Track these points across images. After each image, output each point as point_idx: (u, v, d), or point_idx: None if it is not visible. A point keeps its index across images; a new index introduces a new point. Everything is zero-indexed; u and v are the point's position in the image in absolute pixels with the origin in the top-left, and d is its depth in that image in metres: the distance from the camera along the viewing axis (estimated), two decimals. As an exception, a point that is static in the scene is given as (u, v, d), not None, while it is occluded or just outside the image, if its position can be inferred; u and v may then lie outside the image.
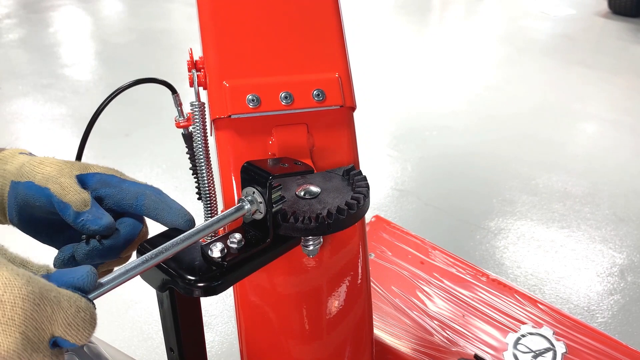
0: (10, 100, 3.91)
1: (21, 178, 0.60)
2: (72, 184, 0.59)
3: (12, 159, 0.63)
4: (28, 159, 0.62)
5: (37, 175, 0.60)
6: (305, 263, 0.72)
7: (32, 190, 0.59)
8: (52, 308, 0.41)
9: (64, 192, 0.58)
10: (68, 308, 0.42)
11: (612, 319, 2.21)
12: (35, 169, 0.60)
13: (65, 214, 0.58)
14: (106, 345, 0.82)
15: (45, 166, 0.60)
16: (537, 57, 5.08)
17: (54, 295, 0.42)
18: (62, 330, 0.42)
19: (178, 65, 4.22)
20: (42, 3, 6.10)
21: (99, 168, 0.63)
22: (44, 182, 0.59)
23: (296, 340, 0.77)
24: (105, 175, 0.62)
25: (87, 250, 0.59)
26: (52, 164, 0.61)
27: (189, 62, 0.73)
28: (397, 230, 1.42)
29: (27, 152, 0.65)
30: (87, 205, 0.58)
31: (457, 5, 7.01)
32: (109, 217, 0.59)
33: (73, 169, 0.61)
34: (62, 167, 0.61)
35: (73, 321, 0.42)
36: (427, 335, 1.13)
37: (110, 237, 0.60)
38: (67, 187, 0.58)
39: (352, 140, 0.76)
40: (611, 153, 3.48)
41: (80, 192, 0.59)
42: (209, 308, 2.17)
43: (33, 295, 0.40)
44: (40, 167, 0.60)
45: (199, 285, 0.54)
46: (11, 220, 0.63)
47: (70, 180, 0.59)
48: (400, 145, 3.45)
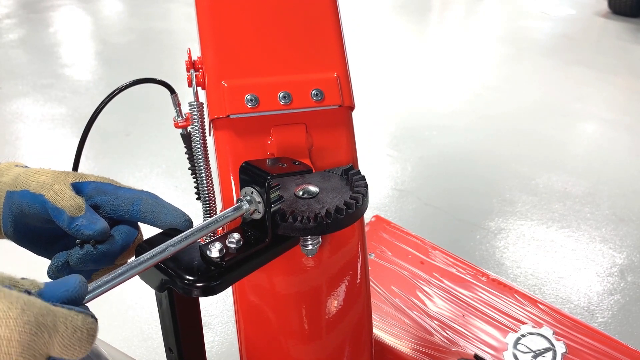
0: (10, 100, 3.91)
1: (16, 187, 0.60)
2: (67, 190, 0.59)
3: (8, 171, 0.63)
4: (24, 170, 0.63)
5: (32, 184, 0.60)
6: (304, 263, 0.72)
7: (26, 199, 0.59)
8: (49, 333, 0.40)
9: (58, 198, 0.58)
10: (65, 331, 0.41)
11: (612, 319, 2.21)
12: (30, 178, 0.60)
13: (59, 219, 0.58)
14: (106, 345, 0.82)
15: (41, 175, 0.61)
16: (537, 57, 5.08)
17: (50, 321, 0.41)
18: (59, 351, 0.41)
19: (178, 65, 4.22)
20: (42, 3, 6.10)
21: (94, 177, 0.64)
22: (39, 189, 0.59)
23: (295, 340, 0.77)
24: (100, 183, 0.63)
25: (81, 254, 0.59)
26: (47, 173, 0.61)
27: (187, 62, 0.73)
28: (397, 230, 1.42)
29: (23, 165, 0.66)
30: (81, 211, 0.58)
31: (457, 5, 7.01)
32: (103, 222, 0.59)
33: (68, 177, 0.61)
34: (57, 175, 0.61)
35: (69, 342, 0.42)
36: (427, 335, 1.13)
37: (105, 243, 0.60)
38: (62, 193, 0.59)
39: (351, 140, 0.76)
40: (611, 153, 3.47)
41: (75, 198, 0.59)
42: (209, 308, 2.17)
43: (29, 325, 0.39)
44: (36, 176, 0.61)
45: (197, 286, 0.54)
46: (6, 232, 0.63)
47: (64, 187, 0.59)
48: (400, 145, 3.45)
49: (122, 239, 0.61)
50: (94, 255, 0.59)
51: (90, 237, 0.58)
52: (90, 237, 0.58)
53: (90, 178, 0.63)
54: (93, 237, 0.58)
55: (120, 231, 0.62)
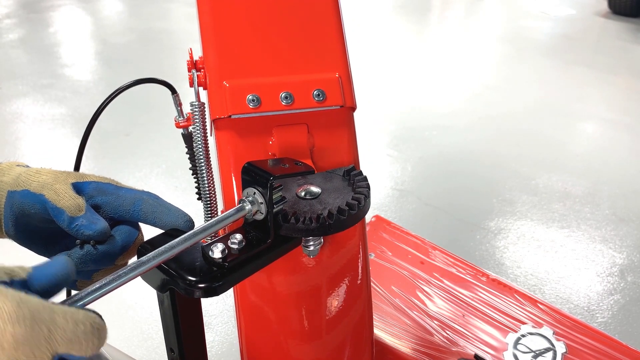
0: (10, 100, 3.91)
1: (17, 187, 0.60)
2: (67, 189, 0.59)
3: (9, 170, 0.63)
4: (25, 170, 0.63)
5: (32, 183, 0.60)
6: (305, 263, 0.72)
7: (27, 198, 0.59)
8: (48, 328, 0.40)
9: (58, 198, 0.58)
10: (65, 324, 0.41)
11: (612, 319, 2.21)
12: (31, 178, 0.60)
13: (59, 219, 0.58)
14: (106, 345, 0.82)
15: (42, 175, 0.61)
16: (536, 57, 5.08)
17: (47, 315, 0.41)
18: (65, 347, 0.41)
19: (178, 65, 4.22)
20: (42, 3, 6.09)
21: (95, 177, 0.64)
22: (40, 189, 0.59)
23: (296, 340, 0.77)
24: (101, 183, 0.63)
25: (81, 254, 0.59)
26: (48, 172, 0.61)
27: (188, 62, 0.73)
28: (397, 230, 1.42)
29: (24, 165, 0.66)
30: (81, 211, 0.58)
31: (457, 5, 7.00)
32: (103, 222, 0.59)
33: (69, 177, 0.61)
34: (57, 175, 0.61)
35: (73, 336, 0.42)
36: (427, 335, 1.13)
37: (106, 243, 0.60)
38: (62, 193, 0.59)
39: (353, 141, 0.76)
40: (611, 153, 3.48)
41: (75, 198, 0.59)
42: (209, 308, 2.17)
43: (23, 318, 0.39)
44: (37, 176, 0.61)
45: (199, 286, 0.54)
46: (7, 231, 0.63)
47: (65, 187, 0.59)
48: (400, 145, 3.45)
49: (122, 239, 0.61)
50: (94, 256, 0.59)
51: (90, 237, 0.58)
52: (90, 237, 0.58)
53: (91, 178, 0.63)
54: (93, 237, 0.58)
55: (120, 231, 0.62)
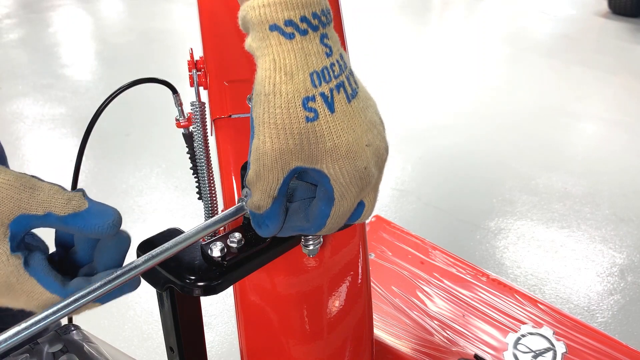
0: (10, 100, 3.91)
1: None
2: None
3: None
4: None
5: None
6: (305, 263, 0.72)
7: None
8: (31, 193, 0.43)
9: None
10: (49, 189, 0.44)
11: (612, 319, 2.21)
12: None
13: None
14: (106, 345, 0.82)
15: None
16: (536, 57, 5.08)
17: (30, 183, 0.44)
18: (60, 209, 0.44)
19: (178, 65, 4.22)
20: (42, 3, 6.09)
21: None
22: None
23: (296, 340, 0.77)
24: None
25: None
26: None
27: (189, 62, 0.73)
28: (397, 230, 1.42)
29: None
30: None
31: (457, 5, 7.00)
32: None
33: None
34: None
35: (64, 203, 0.45)
36: (427, 335, 1.13)
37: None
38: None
39: (352, 140, 0.76)
40: (611, 153, 3.48)
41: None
42: (209, 308, 2.17)
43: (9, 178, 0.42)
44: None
45: (199, 285, 0.54)
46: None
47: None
48: (400, 145, 3.45)
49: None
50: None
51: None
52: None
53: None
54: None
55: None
